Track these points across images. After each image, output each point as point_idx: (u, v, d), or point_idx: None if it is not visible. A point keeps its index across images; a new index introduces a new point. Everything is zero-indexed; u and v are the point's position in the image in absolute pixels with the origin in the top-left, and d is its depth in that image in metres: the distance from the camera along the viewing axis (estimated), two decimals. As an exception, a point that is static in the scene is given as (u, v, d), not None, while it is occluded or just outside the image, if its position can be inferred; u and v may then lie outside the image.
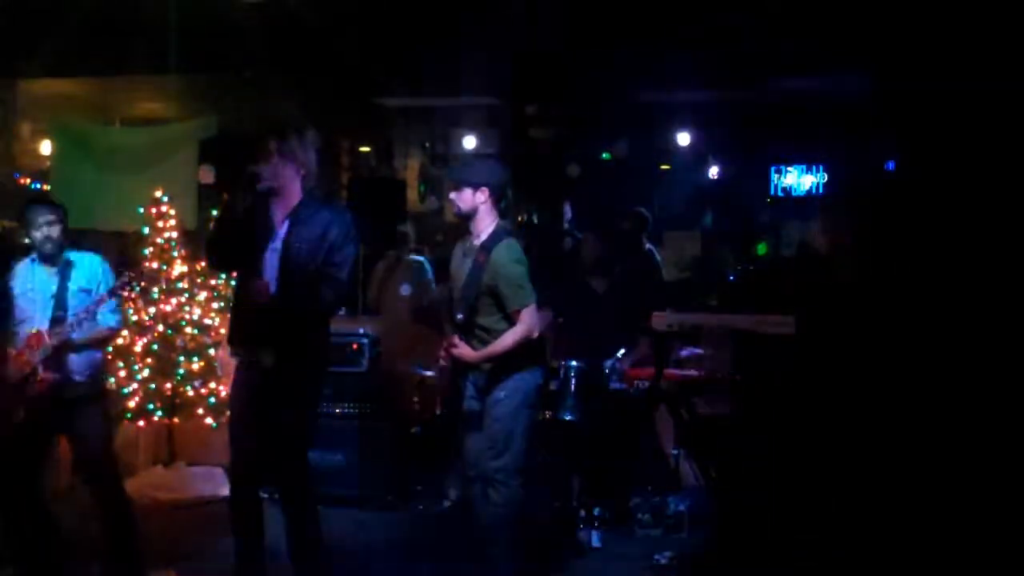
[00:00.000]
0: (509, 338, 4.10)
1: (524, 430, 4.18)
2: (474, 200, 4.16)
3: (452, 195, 4.24)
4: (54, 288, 4.26)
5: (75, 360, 4.26)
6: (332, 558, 4.18)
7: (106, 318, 4.31)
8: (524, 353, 4.17)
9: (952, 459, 4.86)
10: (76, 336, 4.20)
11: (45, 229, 4.26)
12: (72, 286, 4.28)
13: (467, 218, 4.21)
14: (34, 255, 4.34)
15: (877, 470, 4.87)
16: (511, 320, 4.11)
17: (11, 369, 4.19)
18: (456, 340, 4.12)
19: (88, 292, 4.30)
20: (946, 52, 5.92)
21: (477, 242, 4.19)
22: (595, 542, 5.10)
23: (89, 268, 4.36)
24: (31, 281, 4.30)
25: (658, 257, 7.32)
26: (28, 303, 4.27)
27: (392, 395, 6.38)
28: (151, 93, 8.36)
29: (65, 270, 4.29)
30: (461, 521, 5.18)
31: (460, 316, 4.14)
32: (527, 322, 4.10)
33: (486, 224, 4.18)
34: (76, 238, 4.46)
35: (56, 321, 4.20)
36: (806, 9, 6.31)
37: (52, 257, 4.29)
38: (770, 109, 8.68)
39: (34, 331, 4.19)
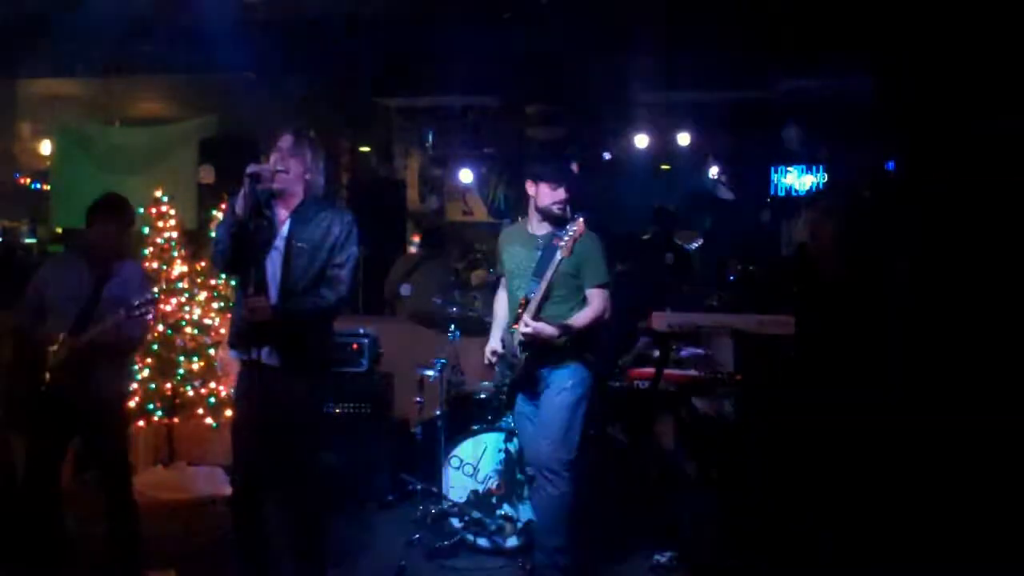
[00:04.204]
0: (588, 314, 4.22)
1: (580, 423, 4.26)
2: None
3: (562, 192, 4.29)
4: (88, 290, 4.28)
5: (99, 365, 4.27)
6: (332, 558, 4.18)
7: (130, 328, 4.31)
8: (590, 346, 4.25)
9: (952, 458, 4.86)
10: (99, 342, 4.20)
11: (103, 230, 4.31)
12: (106, 292, 4.30)
13: (564, 211, 4.32)
14: (78, 253, 4.38)
15: (877, 469, 4.87)
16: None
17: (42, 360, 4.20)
18: (529, 319, 4.12)
19: (121, 300, 4.31)
20: (947, 53, 5.92)
21: (543, 231, 4.32)
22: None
23: (128, 275, 4.38)
24: (73, 280, 4.32)
25: (670, 253, 7.28)
26: (66, 303, 4.28)
27: (392, 395, 6.38)
28: (151, 93, 8.36)
29: (104, 275, 4.31)
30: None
31: (532, 294, 4.16)
32: (602, 301, 4.24)
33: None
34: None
35: (79, 325, 4.21)
36: (807, 9, 6.31)
37: (100, 259, 4.32)
38: (770, 109, 8.67)
39: (63, 333, 4.20)
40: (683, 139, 9.27)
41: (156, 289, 4.49)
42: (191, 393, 6.38)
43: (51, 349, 4.18)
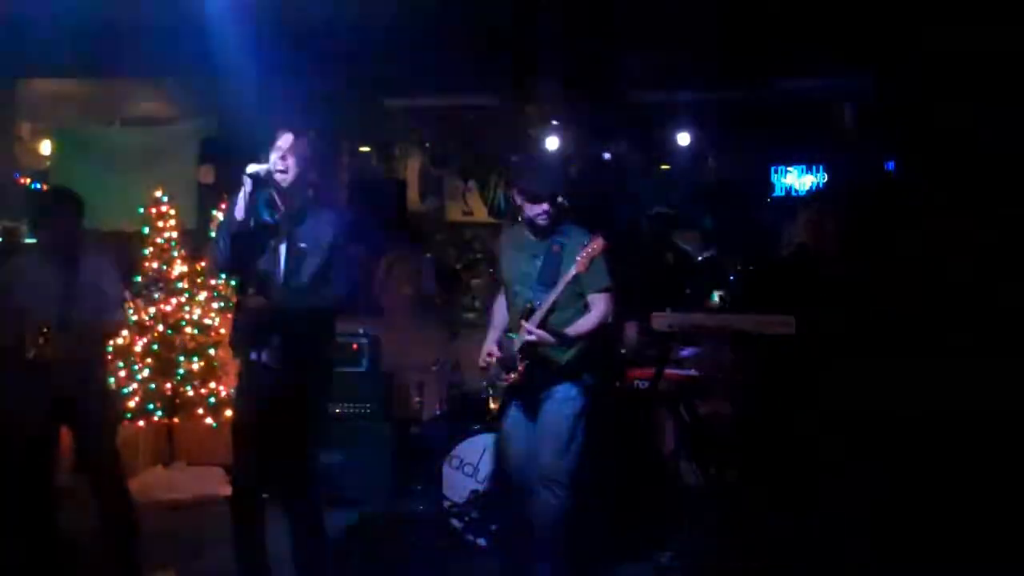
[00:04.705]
0: (592, 319, 4.16)
1: (583, 432, 4.22)
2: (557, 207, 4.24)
3: (544, 204, 4.19)
4: (62, 283, 4.28)
5: (85, 355, 4.28)
6: (332, 558, 4.18)
7: (112, 313, 4.33)
8: (595, 355, 4.21)
9: (954, 457, 4.86)
10: (88, 331, 4.22)
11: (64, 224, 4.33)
12: (82, 286, 4.30)
13: (554, 223, 4.25)
14: (44, 247, 4.38)
15: (877, 468, 4.88)
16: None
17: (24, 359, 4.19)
18: (531, 327, 4.06)
19: (95, 288, 4.32)
20: (946, 52, 5.92)
21: (542, 236, 4.24)
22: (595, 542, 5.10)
23: (99, 266, 4.41)
24: (44, 279, 4.31)
25: (671, 252, 7.27)
26: (40, 302, 4.28)
27: (392, 395, 6.39)
28: (151, 93, 8.35)
29: (75, 268, 4.31)
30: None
31: (539, 303, 4.10)
32: (605, 305, 4.18)
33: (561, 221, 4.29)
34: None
35: (68, 316, 4.21)
36: (806, 9, 6.31)
37: (65, 251, 4.32)
38: (770, 109, 8.67)
39: (45, 324, 4.19)
40: (683, 139, 9.26)
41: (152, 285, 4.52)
42: (191, 393, 6.39)
43: (36, 344, 4.17)
